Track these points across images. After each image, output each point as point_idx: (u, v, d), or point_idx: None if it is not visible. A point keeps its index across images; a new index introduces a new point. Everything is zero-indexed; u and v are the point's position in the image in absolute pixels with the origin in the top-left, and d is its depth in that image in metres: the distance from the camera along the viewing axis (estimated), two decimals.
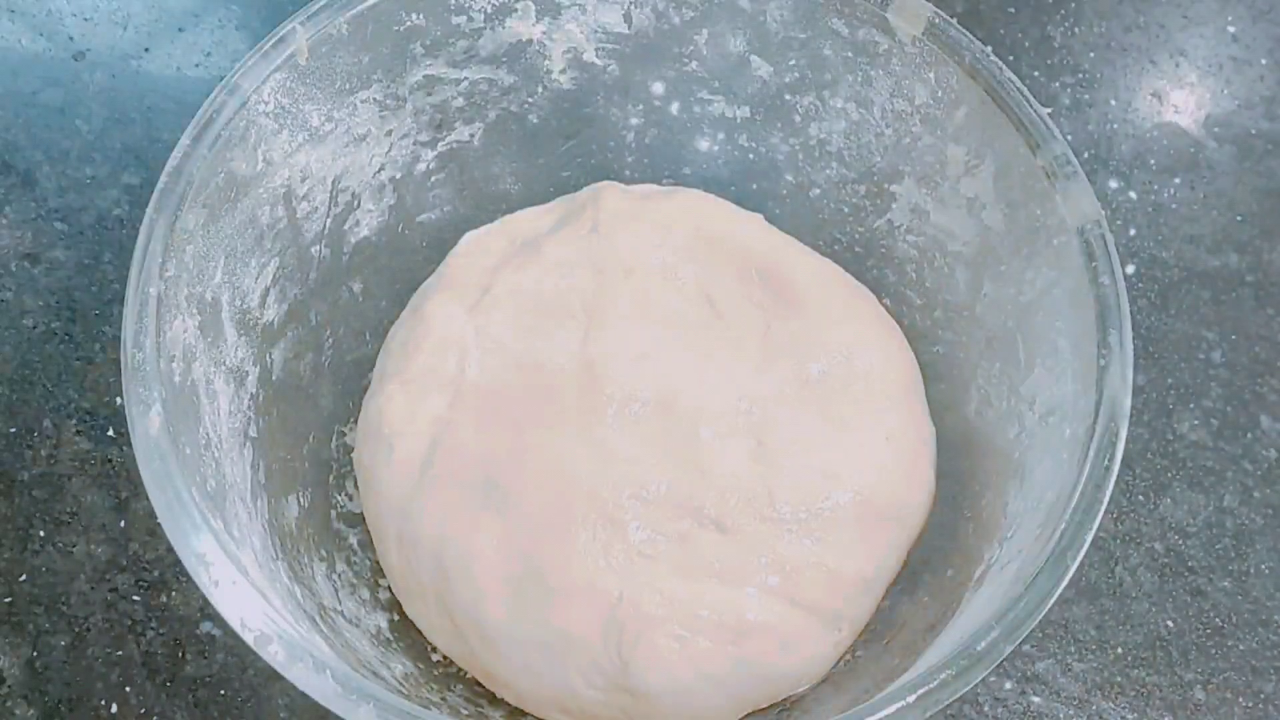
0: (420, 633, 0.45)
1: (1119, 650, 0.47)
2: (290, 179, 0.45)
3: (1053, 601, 0.34)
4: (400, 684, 0.42)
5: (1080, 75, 0.61)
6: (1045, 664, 0.47)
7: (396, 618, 0.46)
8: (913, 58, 0.45)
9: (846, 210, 0.51)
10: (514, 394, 0.46)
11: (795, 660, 0.42)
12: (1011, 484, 0.41)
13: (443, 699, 0.43)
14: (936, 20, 0.44)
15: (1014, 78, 0.43)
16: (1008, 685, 0.47)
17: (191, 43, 0.60)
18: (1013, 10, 0.62)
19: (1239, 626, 0.49)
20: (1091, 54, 0.62)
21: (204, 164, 0.41)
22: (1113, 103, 0.61)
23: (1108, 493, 0.36)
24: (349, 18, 0.44)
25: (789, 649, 0.42)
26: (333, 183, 0.47)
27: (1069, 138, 0.42)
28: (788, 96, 0.50)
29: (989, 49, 0.44)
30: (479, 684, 0.45)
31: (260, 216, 0.44)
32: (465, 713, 0.43)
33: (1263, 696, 0.48)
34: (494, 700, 0.45)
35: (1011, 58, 0.43)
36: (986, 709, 0.46)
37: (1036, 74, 0.60)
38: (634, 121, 0.53)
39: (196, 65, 0.59)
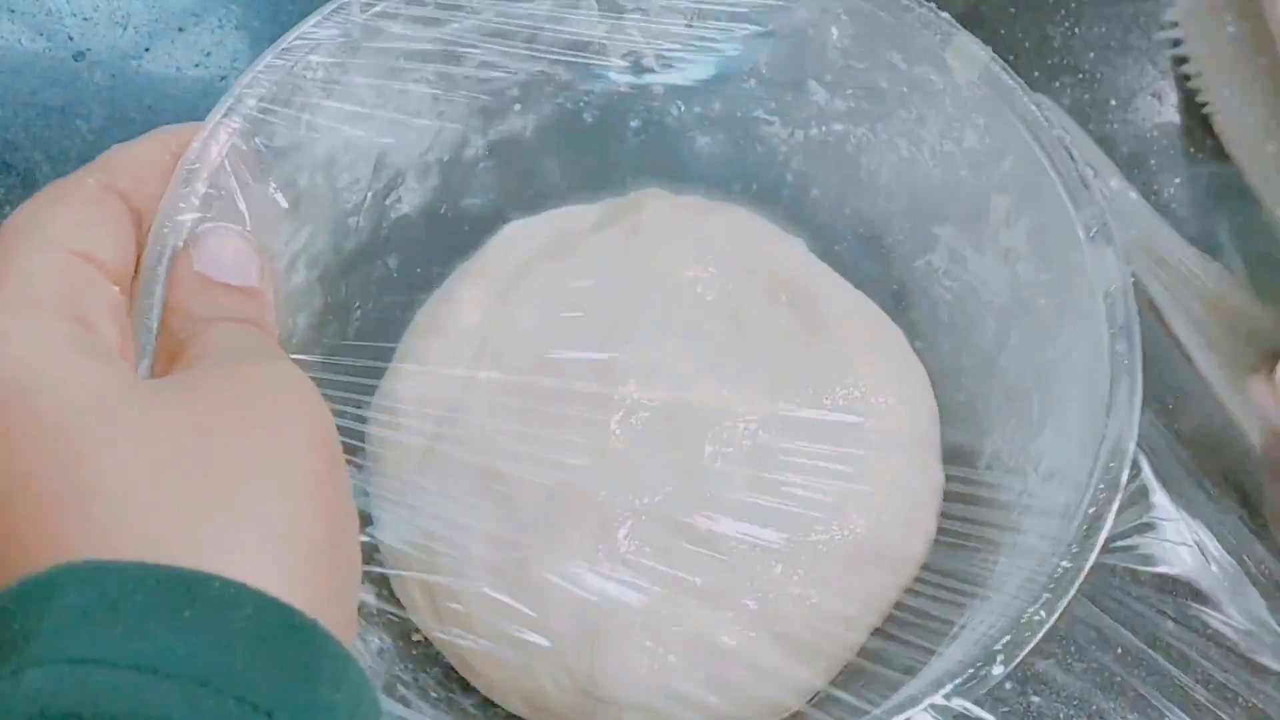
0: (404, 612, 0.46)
1: (1119, 650, 0.46)
2: (334, 148, 0.45)
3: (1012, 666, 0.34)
4: (374, 659, 0.42)
5: (1080, 75, 0.61)
6: (1045, 664, 0.47)
7: (385, 593, 0.46)
8: (965, 100, 0.44)
9: (887, 247, 0.51)
10: (527, 387, 0.46)
11: (765, 689, 0.42)
12: (1005, 544, 0.41)
13: (414, 679, 0.44)
14: (993, 65, 0.44)
15: (1063, 134, 0.42)
16: (1008, 685, 0.47)
17: (192, 43, 0.60)
18: (1012, 10, 0.62)
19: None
20: (1091, 54, 0.61)
21: (247, 120, 0.40)
22: (1113, 102, 0.60)
23: (1089, 561, 0.35)
24: None
25: (760, 677, 0.42)
26: (377, 157, 0.47)
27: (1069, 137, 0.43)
28: (841, 125, 0.49)
29: (1042, 98, 0.43)
30: (454, 670, 0.45)
31: (299, 180, 0.44)
32: (435, 695, 0.44)
33: (1263, 696, 0.47)
34: (466, 687, 0.45)
35: (1011, 57, 0.43)
36: (986, 708, 0.46)
37: (1036, 74, 0.60)
38: (688, 131, 0.52)
39: (197, 65, 0.60)
